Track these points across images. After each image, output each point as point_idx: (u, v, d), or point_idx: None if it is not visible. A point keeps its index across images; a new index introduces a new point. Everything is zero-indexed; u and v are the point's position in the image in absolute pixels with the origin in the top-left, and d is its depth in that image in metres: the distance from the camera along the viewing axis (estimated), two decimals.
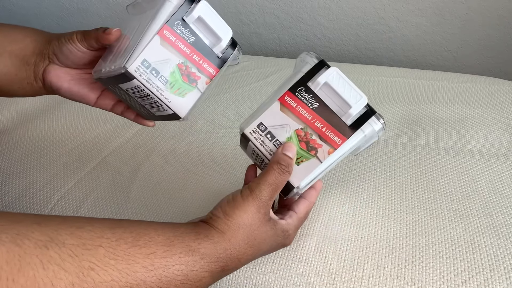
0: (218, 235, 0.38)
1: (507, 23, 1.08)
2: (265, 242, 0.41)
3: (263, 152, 0.43)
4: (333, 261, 0.47)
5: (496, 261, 0.47)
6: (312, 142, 0.42)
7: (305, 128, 0.42)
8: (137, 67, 0.40)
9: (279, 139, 0.42)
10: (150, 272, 0.33)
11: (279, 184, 0.40)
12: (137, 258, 0.33)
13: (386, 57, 1.22)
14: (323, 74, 0.42)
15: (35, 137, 0.73)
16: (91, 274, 0.30)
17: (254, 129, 0.43)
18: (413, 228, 0.51)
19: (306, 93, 0.42)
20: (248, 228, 0.39)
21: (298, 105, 0.42)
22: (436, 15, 1.11)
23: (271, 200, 0.40)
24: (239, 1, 1.24)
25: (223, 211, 0.39)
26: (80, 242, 0.31)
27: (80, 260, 0.30)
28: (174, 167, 0.65)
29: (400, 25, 1.15)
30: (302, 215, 0.45)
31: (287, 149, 0.41)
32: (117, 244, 0.32)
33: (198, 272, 0.35)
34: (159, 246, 0.34)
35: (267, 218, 0.40)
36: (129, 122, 0.77)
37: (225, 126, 0.76)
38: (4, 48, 0.48)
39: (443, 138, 0.71)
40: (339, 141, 0.41)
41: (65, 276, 0.29)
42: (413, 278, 0.45)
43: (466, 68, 1.17)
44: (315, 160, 0.42)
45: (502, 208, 0.54)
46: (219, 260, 0.37)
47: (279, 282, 0.46)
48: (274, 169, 0.40)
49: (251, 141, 0.43)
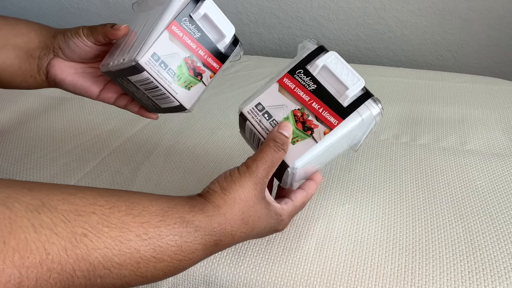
0: (213, 209, 0.37)
1: (507, 23, 1.08)
2: (259, 221, 0.41)
3: (260, 132, 0.43)
4: (333, 261, 0.47)
5: (496, 261, 0.47)
6: (308, 123, 0.42)
7: (302, 108, 0.42)
8: (148, 60, 0.42)
9: (276, 119, 0.43)
10: (143, 241, 0.32)
11: (274, 161, 0.40)
12: (131, 227, 0.32)
13: (386, 57, 1.22)
14: (321, 57, 0.42)
15: (35, 137, 0.73)
16: (84, 240, 0.29)
17: (252, 108, 0.43)
18: (413, 228, 0.51)
19: (304, 75, 0.43)
20: (243, 203, 0.39)
21: (296, 87, 0.43)
22: (436, 15, 1.11)
23: (267, 178, 0.40)
24: (239, 1, 1.24)
25: (220, 186, 0.39)
26: (72, 208, 0.30)
27: (73, 226, 0.29)
28: (174, 167, 0.65)
29: (400, 25, 1.15)
30: (298, 204, 0.45)
31: (283, 128, 0.41)
32: (111, 212, 0.32)
33: (191, 244, 0.35)
34: (153, 215, 0.34)
35: (262, 195, 0.40)
36: (129, 122, 0.77)
37: (225, 126, 0.76)
38: (9, 40, 0.48)
39: (443, 138, 0.71)
40: (335, 122, 0.41)
41: (58, 240, 0.28)
42: (413, 278, 0.45)
43: (466, 68, 1.17)
44: (310, 140, 0.42)
45: (502, 208, 0.54)
46: (213, 234, 0.37)
47: (279, 282, 0.46)
48: (270, 146, 0.40)
49: (248, 120, 0.44)
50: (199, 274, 0.48)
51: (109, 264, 0.31)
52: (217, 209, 0.38)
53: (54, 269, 0.28)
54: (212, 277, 0.47)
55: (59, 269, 0.28)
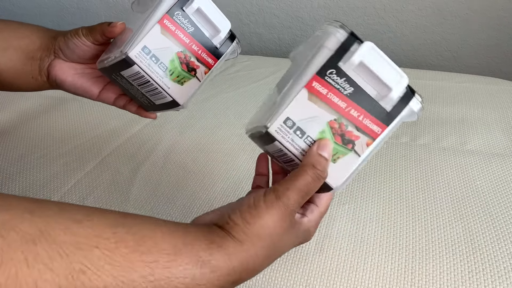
0: (235, 245, 0.33)
1: (507, 23, 1.08)
2: (284, 248, 0.37)
3: (293, 152, 0.36)
4: (333, 261, 0.47)
5: (496, 261, 0.46)
6: (348, 135, 0.36)
7: (339, 118, 0.35)
8: (138, 53, 0.42)
9: (310, 135, 0.36)
10: (149, 283, 0.29)
11: (311, 191, 0.35)
12: (137, 266, 0.29)
13: None
14: (357, 52, 0.34)
15: (35, 137, 0.73)
16: (81, 278, 0.27)
17: (281, 125, 0.35)
18: (413, 228, 0.51)
19: (337, 77, 0.35)
20: (269, 239, 0.34)
21: (330, 92, 0.35)
22: (436, 15, 1.11)
23: (299, 207, 0.35)
24: (239, 1, 1.24)
25: (242, 218, 0.34)
26: (73, 239, 0.28)
27: (70, 261, 0.27)
28: (174, 167, 0.65)
29: (400, 25, 1.15)
30: (324, 209, 0.40)
31: (322, 148, 0.35)
32: (116, 247, 0.29)
33: (205, 287, 0.32)
34: (163, 254, 0.31)
35: (292, 225, 0.36)
36: (129, 122, 0.77)
37: (225, 126, 0.76)
38: (11, 43, 0.49)
39: (443, 138, 0.71)
40: (378, 130, 0.36)
41: (52, 277, 0.26)
42: (413, 278, 0.45)
43: (466, 68, 1.17)
44: (353, 155, 0.36)
45: (502, 208, 0.54)
46: (232, 274, 0.33)
47: (279, 282, 0.46)
48: (307, 174, 0.34)
49: (278, 140, 0.36)
50: None
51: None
52: (239, 245, 0.33)
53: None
54: None
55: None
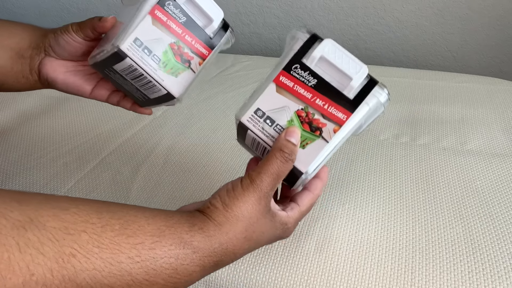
0: (215, 228, 0.35)
1: (507, 23, 1.08)
2: (263, 235, 0.39)
3: (264, 140, 0.40)
4: (333, 261, 0.47)
5: (496, 261, 0.47)
6: (315, 122, 0.39)
7: (306, 107, 0.39)
8: (129, 45, 0.42)
9: (279, 123, 0.39)
10: (136, 263, 0.31)
11: (281, 173, 0.38)
12: (123, 248, 0.31)
13: (386, 57, 1.22)
14: (317, 48, 0.39)
15: (35, 137, 0.73)
16: (71, 261, 0.28)
17: (252, 115, 0.40)
18: (413, 228, 0.51)
19: (302, 71, 0.39)
20: (247, 220, 0.36)
21: (296, 84, 0.39)
22: (436, 15, 1.11)
23: (273, 191, 0.38)
24: (239, 1, 1.24)
25: (222, 201, 0.37)
26: (62, 225, 0.29)
27: (60, 245, 0.28)
28: (174, 167, 0.65)
29: (400, 25, 1.15)
30: (305, 209, 0.42)
31: (290, 134, 0.38)
32: (103, 231, 0.30)
33: (188, 266, 0.34)
34: (148, 236, 0.32)
35: (267, 209, 0.38)
36: (129, 122, 0.77)
37: (225, 126, 0.76)
38: (1, 42, 0.48)
39: (443, 138, 0.71)
40: (343, 117, 0.38)
41: (44, 261, 0.27)
42: (413, 278, 0.45)
43: (466, 68, 1.17)
44: (321, 141, 0.38)
45: (502, 208, 0.54)
46: (213, 255, 0.35)
47: (279, 282, 0.46)
48: (276, 157, 0.37)
49: (250, 129, 0.40)
50: None
51: (98, 286, 0.29)
52: (218, 228, 0.36)
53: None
54: (212, 277, 0.47)
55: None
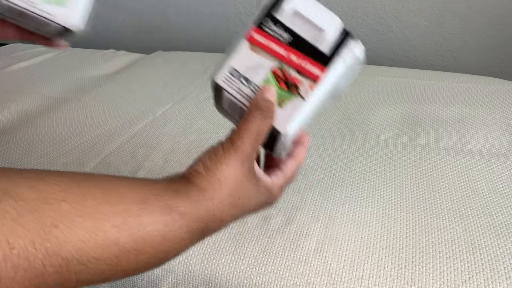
0: (199, 193, 0.34)
1: (507, 23, 1.08)
2: (249, 201, 0.38)
3: (241, 100, 0.38)
4: (333, 261, 0.47)
5: (496, 261, 0.46)
6: (291, 80, 0.37)
7: (281, 65, 0.37)
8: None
9: (255, 83, 0.38)
10: (122, 231, 0.29)
11: (261, 132, 0.36)
12: (108, 216, 0.29)
13: (386, 57, 1.22)
14: (288, 0, 0.37)
15: (35, 137, 0.73)
16: (54, 232, 0.26)
17: (226, 75, 0.38)
18: (413, 228, 0.51)
19: (274, 26, 0.38)
20: (231, 184, 0.35)
21: (269, 41, 0.38)
22: (436, 15, 1.11)
23: (255, 152, 0.37)
24: (239, 1, 1.24)
25: (204, 166, 0.35)
26: (40, 195, 0.27)
27: (40, 216, 0.26)
28: (174, 167, 0.65)
29: (400, 25, 1.15)
30: (289, 175, 0.41)
31: (265, 93, 0.37)
32: (84, 200, 0.28)
33: (177, 233, 0.32)
34: (133, 203, 0.31)
35: (252, 173, 0.37)
36: (129, 122, 0.77)
37: (225, 126, 0.76)
38: None
39: (443, 138, 0.71)
40: (319, 72, 0.37)
41: (24, 233, 0.25)
42: (413, 278, 0.45)
43: (466, 68, 1.17)
44: (298, 99, 0.37)
45: (502, 208, 0.54)
46: (200, 221, 0.34)
47: (279, 282, 0.46)
48: (254, 116, 0.36)
49: (225, 90, 0.38)
50: (199, 274, 0.48)
51: (84, 259, 0.27)
52: (202, 193, 0.34)
53: (21, 266, 0.25)
54: (212, 277, 0.47)
55: (26, 266, 0.25)
